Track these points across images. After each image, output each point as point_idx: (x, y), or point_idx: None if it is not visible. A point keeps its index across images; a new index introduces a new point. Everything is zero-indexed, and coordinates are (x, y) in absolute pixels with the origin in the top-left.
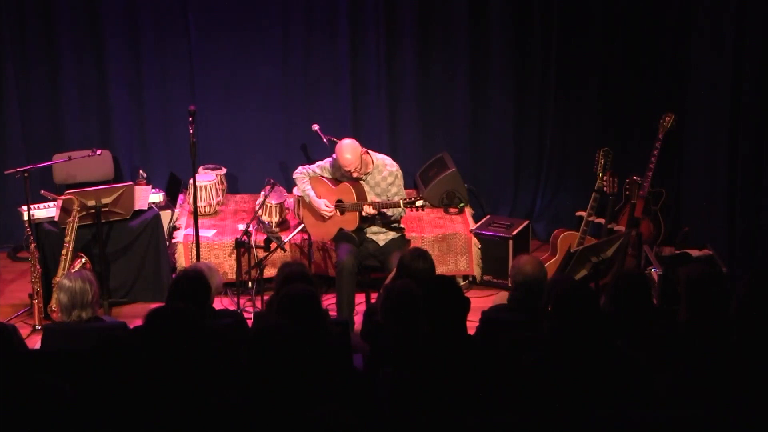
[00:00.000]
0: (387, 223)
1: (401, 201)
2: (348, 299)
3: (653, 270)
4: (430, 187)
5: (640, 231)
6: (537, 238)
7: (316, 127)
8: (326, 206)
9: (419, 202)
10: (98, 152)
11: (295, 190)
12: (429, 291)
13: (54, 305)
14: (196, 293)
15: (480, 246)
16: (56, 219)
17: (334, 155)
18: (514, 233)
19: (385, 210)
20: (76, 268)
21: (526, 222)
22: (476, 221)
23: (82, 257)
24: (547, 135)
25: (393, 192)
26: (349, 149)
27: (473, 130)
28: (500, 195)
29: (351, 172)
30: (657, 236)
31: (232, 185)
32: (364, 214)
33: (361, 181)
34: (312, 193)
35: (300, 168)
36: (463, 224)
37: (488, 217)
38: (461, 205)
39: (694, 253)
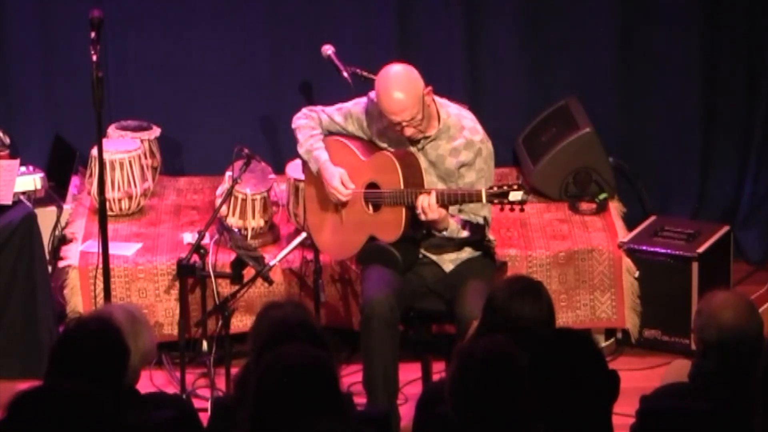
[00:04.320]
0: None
1: (483, 191)
2: (385, 372)
3: None
4: (544, 162)
5: None
6: (745, 257)
7: (329, 50)
8: (340, 183)
9: (517, 194)
10: None
11: (289, 169)
12: (542, 358)
13: None
14: (103, 363)
15: (638, 274)
16: None
17: (370, 95)
18: (701, 249)
19: (460, 207)
20: None
21: (725, 228)
22: (630, 227)
23: None
24: (761, 82)
25: (469, 181)
26: (399, 82)
27: (625, 61)
28: (674, 179)
29: (403, 126)
30: None
31: (173, 159)
32: (419, 211)
33: (414, 150)
34: (322, 155)
35: (304, 110)
36: (605, 232)
37: (653, 218)
38: (602, 196)
39: None
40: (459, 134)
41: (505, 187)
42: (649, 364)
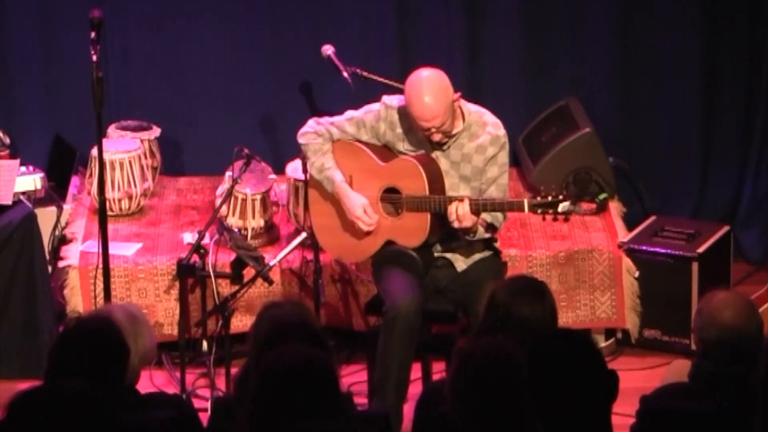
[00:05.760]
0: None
1: (526, 201)
2: (399, 376)
3: None
4: (544, 162)
5: None
6: (745, 257)
7: (329, 50)
8: (364, 212)
9: (566, 205)
10: None
11: (289, 169)
12: (542, 358)
13: None
14: (103, 363)
15: (638, 274)
16: None
17: (384, 99)
18: (701, 249)
19: (486, 216)
20: None
21: (725, 228)
22: (630, 227)
23: None
24: (761, 82)
25: (491, 176)
26: (432, 88)
27: (625, 61)
28: (674, 179)
29: (432, 132)
30: None
31: (172, 159)
32: (453, 219)
33: (435, 152)
34: (336, 175)
35: (311, 123)
36: (605, 232)
37: (653, 218)
38: (602, 196)
39: None
40: (482, 131)
41: (550, 198)
42: (649, 364)
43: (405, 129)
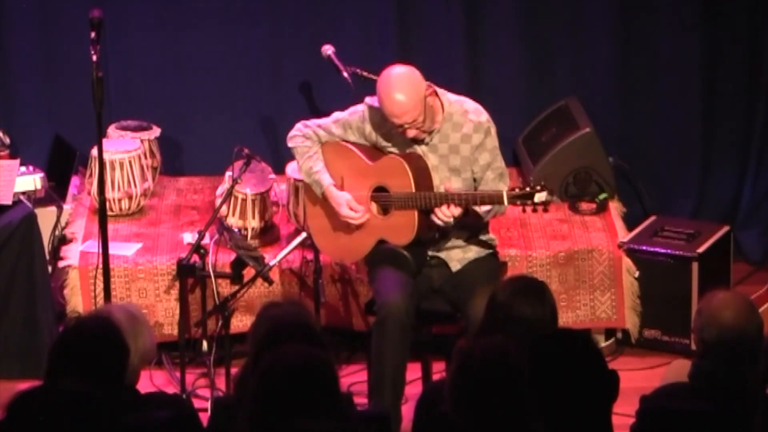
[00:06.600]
0: (471, 227)
1: (505, 193)
2: (395, 375)
3: None
4: (544, 162)
5: None
6: (745, 257)
7: (329, 50)
8: (350, 208)
9: (542, 196)
10: None
11: (289, 169)
12: (543, 358)
13: None
14: (103, 363)
15: (638, 274)
16: None
17: (367, 100)
18: (701, 249)
19: (476, 208)
20: None
21: (725, 228)
22: (630, 227)
23: None
24: (761, 83)
25: (484, 163)
26: (402, 84)
27: (625, 61)
28: (674, 179)
29: (405, 128)
30: None
31: (172, 159)
32: (436, 217)
33: (422, 147)
34: (324, 179)
35: (299, 126)
36: (605, 232)
37: (653, 218)
38: (603, 196)
39: None
40: (464, 119)
41: (528, 189)
42: (649, 364)
43: (389, 128)
